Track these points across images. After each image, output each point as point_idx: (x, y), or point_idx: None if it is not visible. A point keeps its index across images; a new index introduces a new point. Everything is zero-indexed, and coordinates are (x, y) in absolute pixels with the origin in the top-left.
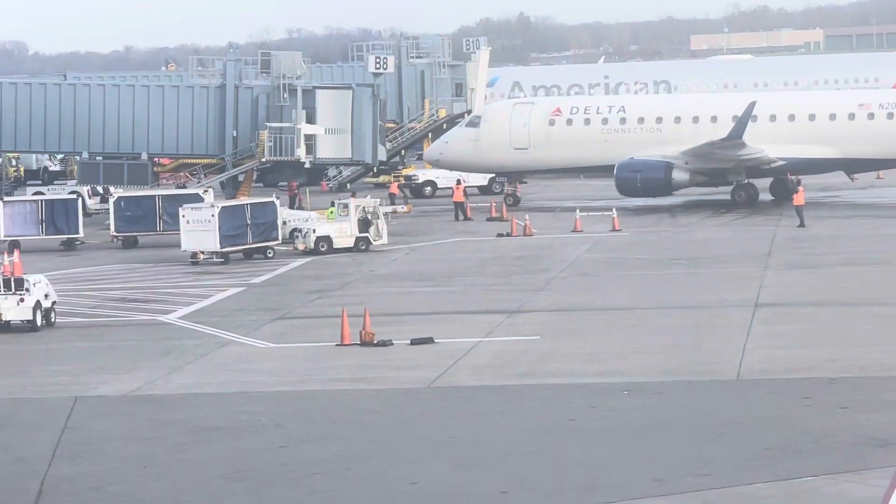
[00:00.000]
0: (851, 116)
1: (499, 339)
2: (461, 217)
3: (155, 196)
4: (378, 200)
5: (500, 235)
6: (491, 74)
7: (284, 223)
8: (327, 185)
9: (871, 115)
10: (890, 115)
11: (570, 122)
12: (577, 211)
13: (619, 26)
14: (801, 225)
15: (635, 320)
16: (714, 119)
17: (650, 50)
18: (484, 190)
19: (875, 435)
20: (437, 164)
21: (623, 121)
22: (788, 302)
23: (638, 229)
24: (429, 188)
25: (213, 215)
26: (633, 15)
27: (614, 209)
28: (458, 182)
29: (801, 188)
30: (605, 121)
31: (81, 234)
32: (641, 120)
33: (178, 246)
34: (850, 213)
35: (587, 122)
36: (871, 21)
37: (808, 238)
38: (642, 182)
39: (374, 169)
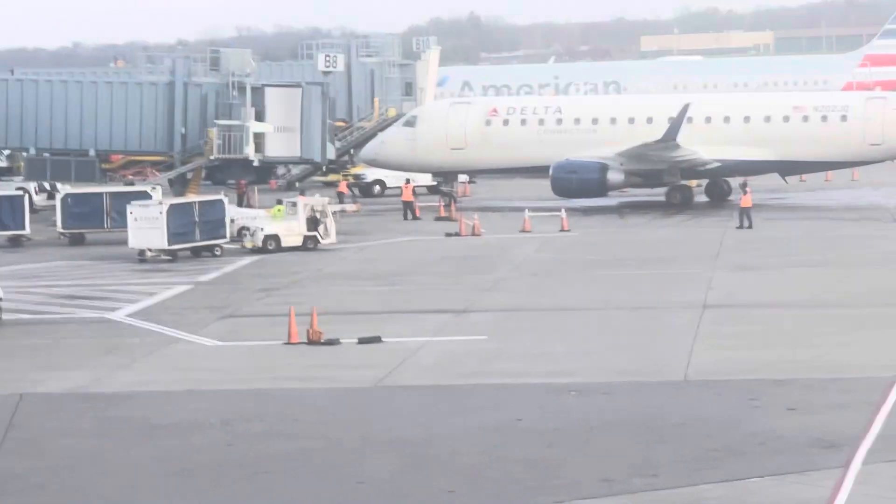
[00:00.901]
0: (786, 119)
1: (447, 338)
2: (410, 216)
3: (102, 193)
4: (327, 199)
5: (448, 235)
6: (441, 74)
7: (232, 221)
8: (276, 183)
9: (805, 118)
10: (824, 118)
11: (506, 122)
12: (526, 211)
13: (570, 26)
14: (749, 227)
15: (583, 321)
16: (650, 120)
17: (600, 50)
18: (433, 189)
19: (822, 436)
20: (372, 164)
21: (559, 122)
22: (736, 303)
23: (587, 230)
24: (378, 187)
25: (161, 213)
26: (584, 15)
27: (563, 209)
28: (407, 181)
29: (748, 190)
30: (541, 121)
31: (28, 230)
32: (577, 121)
33: (126, 243)
34: (799, 216)
35: (523, 122)
36: (820, 23)
37: (756, 240)
38: (577, 183)
39: (323, 167)
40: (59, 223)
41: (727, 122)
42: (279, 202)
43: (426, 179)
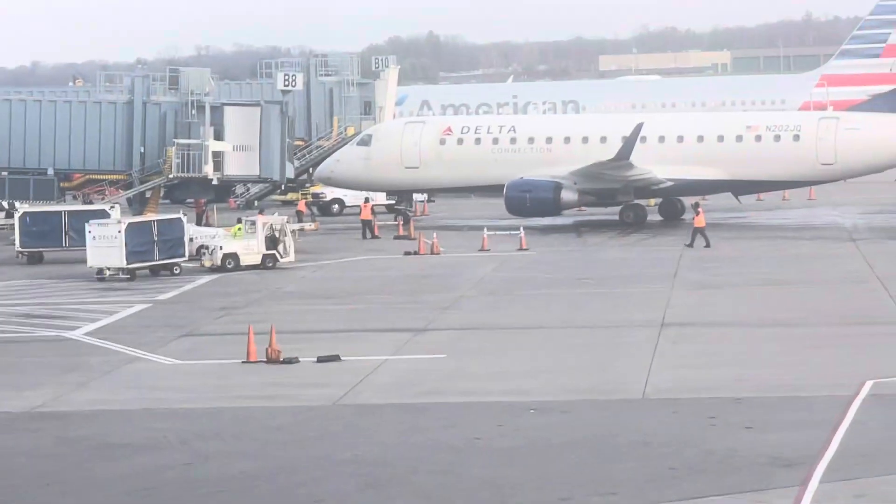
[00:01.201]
0: (739, 138)
1: (405, 357)
2: (369, 235)
3: (61, 212)
4: (286, 218)
5: (407, 254)
6: (400, 93)
7: (191, 240)
8: (235, 202)
9: (758, 138)
10: (777, 138)
11: (460, 141)
12: (485, 230)
13: (529, 46)
14: (706, 245)
15: (542, 339)
16: (604, 139)
17: (559, 69)
18: (392, 208)
19: (779, 455)
20: (327, 183)
21: (513, 140)
22: (694, 322)
23: (545, 249)
24: (336, 206)
25: (119, 231)
26: (543, 35)
27: (521, 228)
28: (366, 200)
29: (700, 210)
30: (495, 140)
31: None
32: (532, 140)
33: (85, 262)
34: (757, 235)
35: (478, 141)
36: (777, 43)
37: (714, 259)
38: (531, 202)
39: (282, 186)
40: (17, 242)
41: (680, 141)
42: (239, 221)
43: (385, 198)
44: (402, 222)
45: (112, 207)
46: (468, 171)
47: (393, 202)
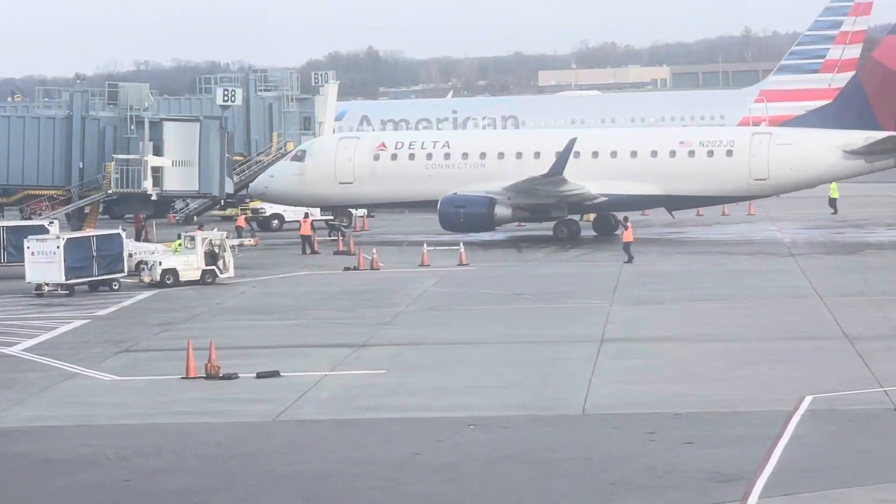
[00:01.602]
0: (672, 154)
1: (345, 372)
2: (308, 250)
3: (0, 227)
4: (225, 233)
5: (347, 269)
6: (339, 108)
7: (130, 255)
8: (174, 217)
9: (691, 153)
10: (710, 153)
11: (394, 156)
12: (425, 245)
13: (468, 61)
14: (629, 261)
15: (482, 355)
16: (537, 155)
17: (499, 85)
18: (332, 224)
19: (719, 470)
20: (262, 198)
21: (447, 156)
22: (634, 337)
23: (485, 264)
24: (276, 221)
25: (58, 247)
26: (482, 50)
27: (461, 244)
28: (306, 216)
29: (629, 225)
30: (429, 156)
31: None
32: (465, 155)
33: (23, 277)
34: (696, 250)
35: (412, 156)
36: (716, 59)
37: (653, 274)
38: (465, 217)
39: (222, 202)
40: None
41: (614, 156)
42: (179, 236)
43: (320, 213)
44: (340, 237)
45: (51, 223)
46: (402, 186)
47: (331, 217)
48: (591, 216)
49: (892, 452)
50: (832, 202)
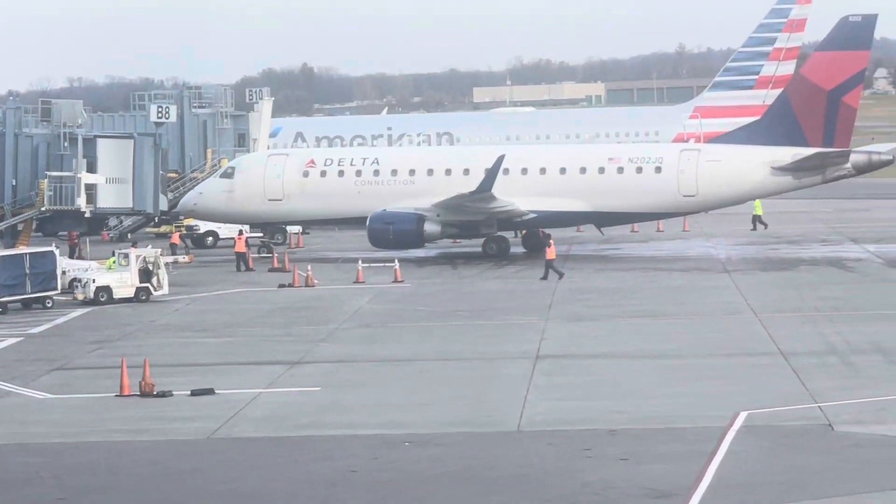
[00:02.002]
0: (601, 170)
1: (280, 390)
2: (243, 267)
3: None
4: (159, 250)
5: (281, 286)
6: (274, 125)
7: (64, 273)
8: (108, 234)
9: (620, 170)
10: (639, 170)
11: (323, 173)
12: (360, 262)
13: (403, 78)
14: (545, 278)
15: (417, 372)
16: (466, 172)
17: (433, 102)
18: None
19: (655, 486)
20: (191, 215)
21: (376, 173)
22: (569, 354)
23: (420, 281)
24: (210, 238)
25: None
26: (417, 67)
27: (396, 260)
28: (241, 233)
29: (552, 242)
30: (358, 172)
31: None
32: (395, 172)
33: None
34: (631, 266)
35: (341, 173)
36: (651, 75)
37: (589, 290)
38: (395, 234)
39: (156, 219)
40: None
41: (543, 173)
42: (113, 253)
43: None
44: (274, 255)
45: None
46: (331, 203)
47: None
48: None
49: (827, 468)
50: (756, 219)
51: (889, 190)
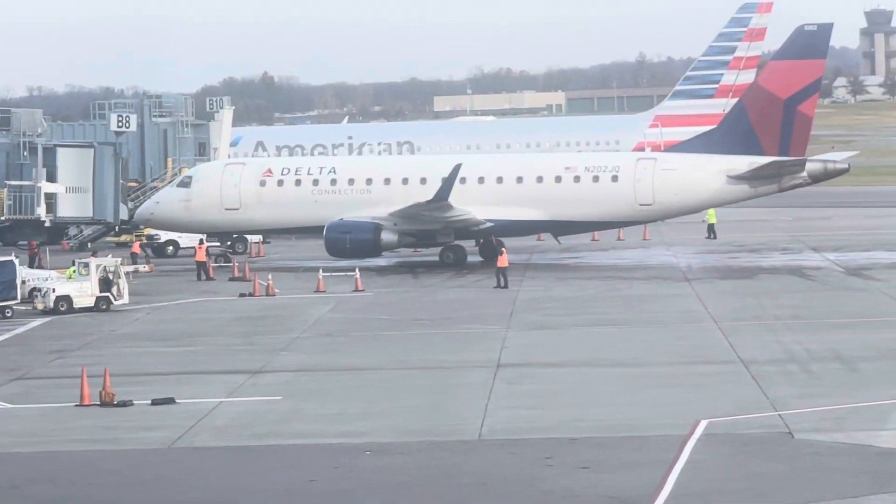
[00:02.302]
0: (558, 179)
1: (241, 399)
2: (203, 277)
3: None
4: (119, 259)
5: (242, 295)
6: (234, 134)
7: (24, 282)
8: (68, 243)
9: (577, 178)
10: (596, 179)
11: (280, 182)
12: (321, 271)
13: (364, 87)
14: (505, 286)
15: (378, 380)
16: (423, 181)
17: (394, 111)
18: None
19: (616, 494)
20: (147, 224)
21: (334, 182)
22: (530, 362)
23: (381, 290)
24: (171, 247)
25: None
26: (378, 76)
27: (357, 269)
28: (201, 242)
29: (504, 250)
30: (315, 182)
31: None
32: (352, 181)
33: None
34: (592, 275)
35: (298, 182)
36: (611, 84)
37: (549, 299)
38: (351, 243)
39: (116, 228)
40: None
41: (500, 182)
42: (73, 263)
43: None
44: (234, 264)
45: None
46: (288, 212)
47: (228, 243)
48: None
49: (787, 476)
50: (710, 228)
51: (848, 198)
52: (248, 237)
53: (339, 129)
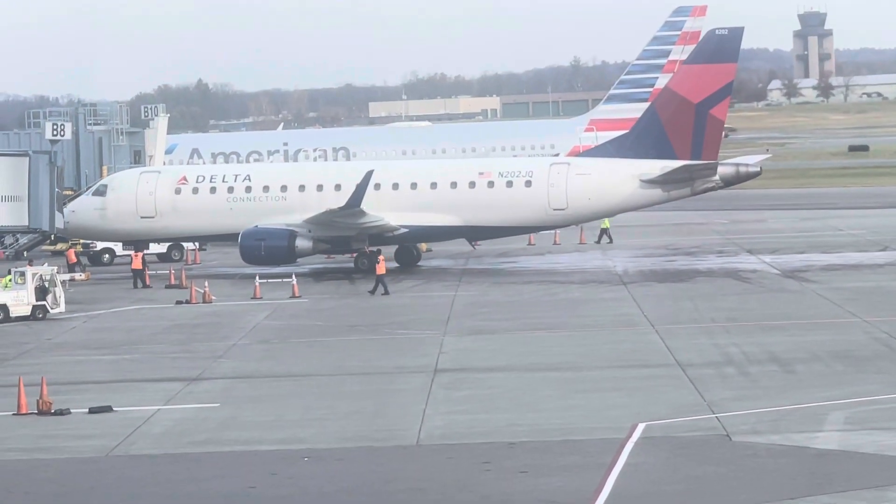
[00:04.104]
0: (472, 185)
1: (178, 406)
2: (140, 284)
3: None
4: (56, 268)
5: (179, 303)
6: (170, 141)
7: None
8: (4, 252)
9: (491, 184)
10: (509, 184)
11: (196, 190)
12: (257, 277)
13: (298, 93)
14: (384, 293)
15: (315, 387)
16: (338, 187)
17: (329, 117)
18: (163, 257)
19: (554, 499)
20: (62, 233)
21: (248, 189)
22: (468, 367)
23: (318, 296)
24: (107, 255)
25: None
26: (312, 82)
27: (294, 275)
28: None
29: (381, 258)
30: (230, 189)
31: None
32: (266, 188)
33: None
34: (528, 279)
35: (213, 190)
36: (546, 89)
37: (486, 304)
38: (266, 250)
39: (52, 236)
40: None
41: (414, 188)
42: (9, 272)
43: (156, 247)
44: (171, 272)
45: None
46: (204, 220)
47: (164, 252)
48: (424, 246)
49: (725, 478)
50: (604, 232)
51: (784, 201)
52: (184, 244)
53: (274, 135)
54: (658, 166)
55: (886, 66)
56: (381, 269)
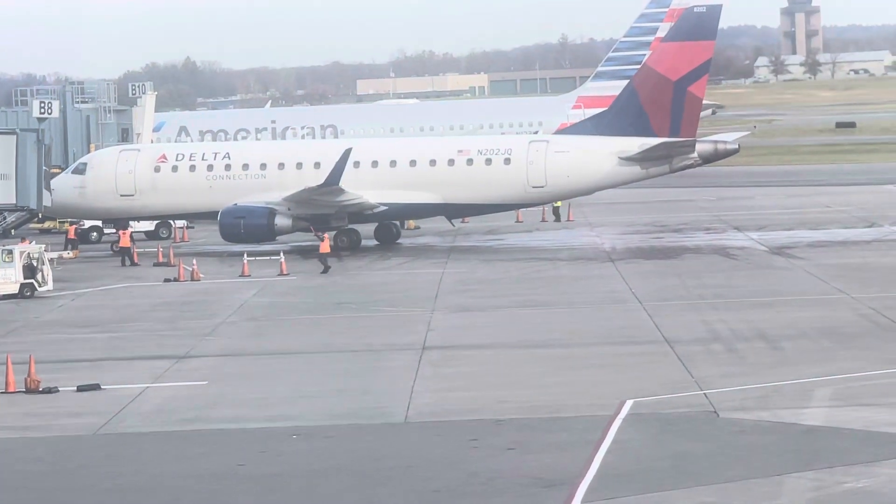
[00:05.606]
0: (451, 162)
1: (167, 384)
2: (128, 262)
3: None
4: (43, 246)
5: (167, 280)
6: (157, 119)
7: None
8: None
9: (469, 161)
10: (488, 161)
11: (175, 168)
12: (245, 255)
13: (286, 71)
14: (323, 272)
15: (304, 364)
16: (317, 165)
17: (317, 94)
18: (151, 235)
19: (541, 475)
20: (43, 211)
21: (228, 167)
22: (455, 344)
23: (306, 273)
24: (95, 233)
25: None
26: (299, 60)
27: (282, 253)
28: (126, 228)
29: (325, 237)
30: (210, 167)
31: None
32: (246, 166)
33: None
34: (516, 256)
35: (192, 168)
36: (534, 66)
37: (474, 281)
38: (245, 228)
39: (39, 214)
40: None
41: (393, 166)
42: None
43: (145, 225)
44: (159, 249)
45: None
46: (183, 198)
47: (152, 229)
48: (412, 223)
49: (713, 455)
50: (556, 210)
51: (771, 177)
52: (172, 222)
53: (262, 113)
54: (636, 143)
55: (874, 42)
56: (324, 247)
